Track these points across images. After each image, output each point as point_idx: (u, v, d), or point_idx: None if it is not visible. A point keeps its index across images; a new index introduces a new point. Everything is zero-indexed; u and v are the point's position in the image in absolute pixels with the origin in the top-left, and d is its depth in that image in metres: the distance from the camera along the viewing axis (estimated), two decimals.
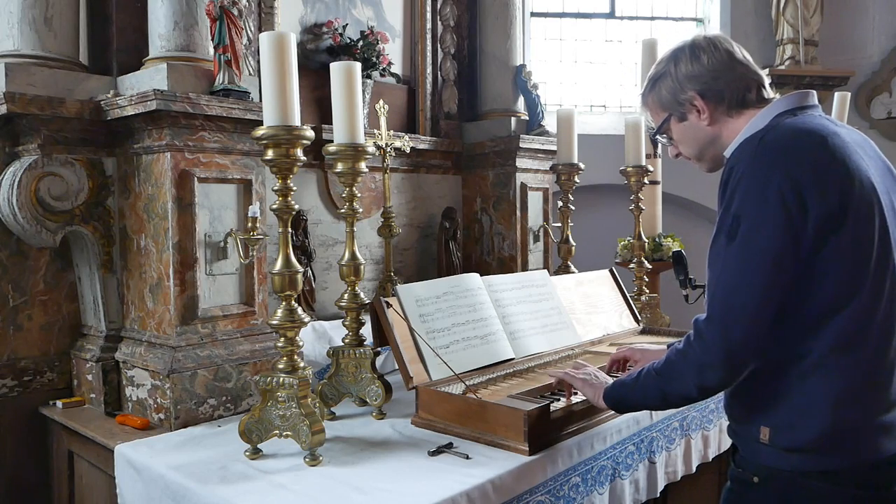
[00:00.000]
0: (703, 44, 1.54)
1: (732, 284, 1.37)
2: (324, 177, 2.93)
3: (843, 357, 1.35)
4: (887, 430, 1.39)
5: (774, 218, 1.32)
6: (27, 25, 2.18)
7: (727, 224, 1.38)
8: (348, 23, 3.11)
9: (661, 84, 1.58)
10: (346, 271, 2.14)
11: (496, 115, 3.55)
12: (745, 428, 1.49)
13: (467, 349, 2.21)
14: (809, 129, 1.40)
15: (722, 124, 1.54)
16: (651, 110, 1.65)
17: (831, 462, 1.37)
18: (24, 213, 2.09)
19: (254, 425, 1.79)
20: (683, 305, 3.19)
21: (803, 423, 1.37)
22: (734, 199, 1.37)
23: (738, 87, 1.51)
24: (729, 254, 1.38)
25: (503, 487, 1.65)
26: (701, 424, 2.40)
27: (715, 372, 1.41)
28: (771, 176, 1.33)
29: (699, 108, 1.53)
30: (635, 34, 5.83)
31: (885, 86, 5.57)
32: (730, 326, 1.37)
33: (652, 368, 1.56)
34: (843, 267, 1.34)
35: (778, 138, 1.38)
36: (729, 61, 1.52)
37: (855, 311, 1.35)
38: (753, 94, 1.52)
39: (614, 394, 1.69)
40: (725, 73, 1.51)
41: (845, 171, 1.35)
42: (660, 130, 1.64)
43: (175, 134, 2.09)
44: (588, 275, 3.01)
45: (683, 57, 1.54)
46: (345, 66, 2.04)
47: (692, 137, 1.59)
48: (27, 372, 2.27)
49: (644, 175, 3.32)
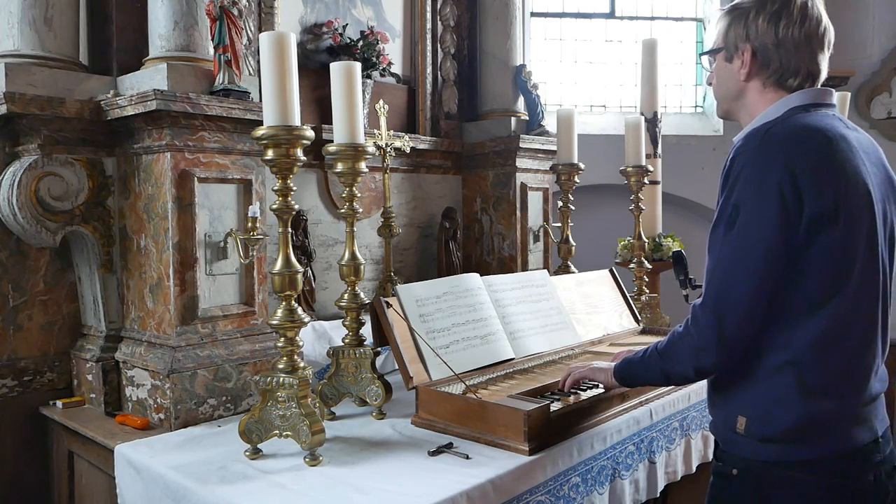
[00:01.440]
0: (791, 9, 1.48)
1: (729, 272, 1.40)
2: (324, 177, 2.93)
3: (820, 354, 1.38)
4: (861, 420, 1.42)
5: (772, 209, 1.35)
6: (27, 25, 2.18)
7: (727, 213, 1.40)
8: (348, 23, 3.11)
9: (735, 19, 1.55)
10: (346, 271, 2.14)
11: (496, 115, 3.55)
12: (723, 417, 1.52)
13: (467, 349, 2.21)
14: (817, 127, 1.41)
15: (753, 87, 1.54)
16: (716, 31, 1.62)
17: (806, 452, 1.40)
18: (24, 213, 2.09)
19: (254, 425, 1.79)
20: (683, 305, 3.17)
21: (777, 413, 1.41)
22: (735, 188, 1.39)
23: (788, 67, 1.50)
24: (727, 242, 1.41)
25: (503, 487, 1.65)
26: (701, 424, 2.40)
27: (709, 356, 1.46)
28: (772, 167, 1.35)
29: (744, 62, 1.53)
30: (635, 34, 5.82)
31: (885, 86, 5.56)
32: (724, 314, 1.41)
33: (655, 349, 1.62)
34: (827, 267, 1.37)
35: (784, 132, 1.40)
36: (801, 43, 1.48)
37: (835, 310, 1.38)
38: (797, 82, 1.51)
39: (623, 371, 1.77)
40: (790, 49, 1.48)
41: (844, 174, 1.37)
42: (709, 53, 1.63)
43: (175, 134, 2.09)
44: (588, 275, 3.01)
45: (768, 10, 1.49)
46: (345, 66, 2.04)
47: (725, 80, 1.60)
48: (27, 372, 2.27)
49: (644, 175, 3.32)
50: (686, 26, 5.98)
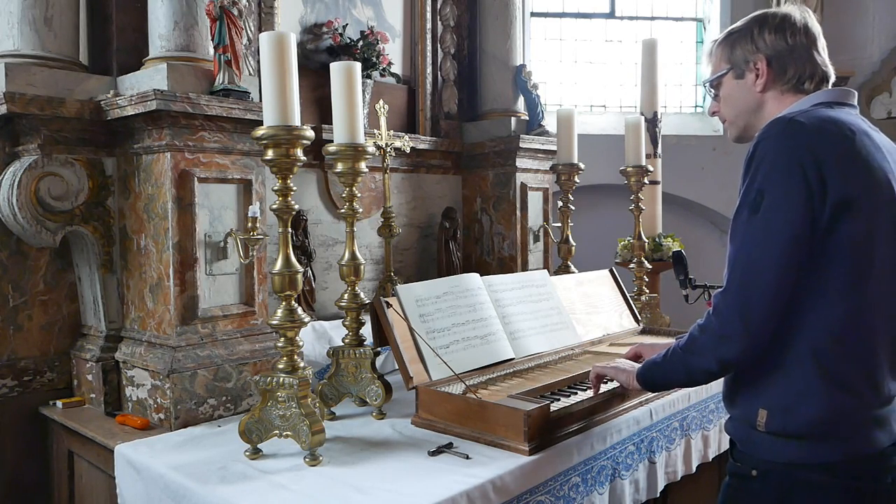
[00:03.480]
0: (792, 22, 1.54)
1: (754, 258, 1.38)
2: (324, 177, 2.93)
3: (841, 345, 1.38)
4: (881, 423, 1.42)
5: (797, 193, 1.34)
6: (27, 25, 2.18)
7: (751, 198, 1.39)
8: (348, 23, 3.11)
9: (737, 40, 1.58)
10: (346, 271, 2.14)
11: (496, 115, 3.55)
12: (742, 412, 1.50)
13: (467, 349, 2.21)
14: (842, 120, 1.42)
15: (771, 97, 1.56)
16: (715, 58, 1.65)
17: (826, 454, 1.39)
18: (24, 213, 2.09)
19: (254, 425, 1.79)
20: (683, 305, 3.19)
21: (799, 406, 1.39)
22: (759, 173, 1.38)
23: (803, 71, 1.53)
24: (751, 227, 1.39)
25: (503, 487, 1.65)
26: (701, 424, 2.40)
27: (733, 345, 1.42)
28: (796, 151, 1.35)
29: (760, 72, 1.55)
30: (635, 34, 5.83)
31: (885, 86, 5.56)
32: (749, 299, 1.38)
33: (677, 345, 1.58)
34: (849, 256, 1.36)
35: (809, 120, 1.39)
36: (809, 47, 1.53)
37: (855, 301, 1.37)
38: (812, 85, 1.53)
39: (646, 373, 1.72)
40: (801, 55, 1.53)
41: (867, 166, 1.38)
42: (714, 80, 1.64)
43: (175, 134, 2.09)
44: (588, 275, 3.01)
45: (769, 25, 1.54)
46: (345, 66, 2.04)
47: (739, 98, 1.60)
48: (27, 372, 2.27)
49: (644, 175, 3.32)
50: (686, 26, 5.99)
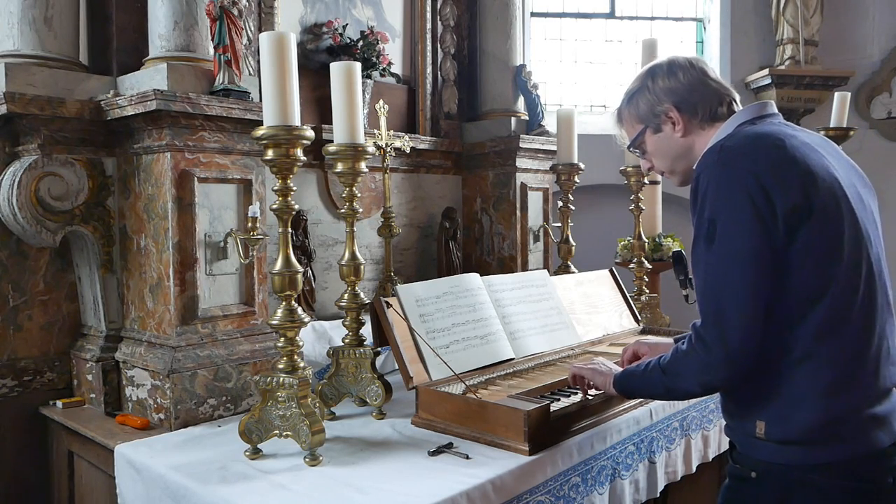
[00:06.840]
0: (679, 62, 1.63)
1: (720, 286, 1.41)
2: (324, 177, 2.93)
3: (827, 345, 1.39)
4: (880, 422, 1.42)
5: (746, 215, 1.37)
6: (27, 25, 2.18)
7: (704, 229, 1.43)
8: (348, 23, 3.11)
9: (638, 97, 1.66)
10: (346, 271, 2.14)
11: (496, 115, 3.55)
12: (740, 424, 1.51)
13: (467, 349, 2.21)
14: (767, 132, 1.47)
15: (695, 136, 1.61)
16: (626, 123, 1.73)
17: (826, 455, 1.40)
18: (24, 213, 2.09)
19: (254, 425, 1.79)
20: (683, 305, 3.18)
21: (796, 414, 1.41)
22: (706, 204, 1.42)
23: (711, 101, 1.60)
24: (711, 257, 1.42)
25: (503, 487, 1.65)
26: (701, 424, 2.40)
27: (718, 372, 1.45)
28: (735, 175, 1.39)
29: (674, 120, 1.61)
30: (635, 34, 5.83)
31: (885, 86, 5.56)
32: (726, 329, 1.41)
33: (658, 364, 1.59)
34: (815, 258, 1.38)
35: (737, 143, 1.45)
36: (703, 78, 1.61)
37: (832, 300, 1.39)
38: (725, 109, 1.60)
39: (623, 381, 1.75)
40: (700, 88, 1.60)
41: (805, 168, 1.40)
42: (634, 142, 1.71)
43: (175, 134, 2.09)
44: (588, 275, 3.01)
45: (661, 73, 1.63)
46: (345, 66, 2.05)
47: (666, 149, 1.66)
48: (27, 372, 2.27)
49: (644, 175, 3.32)
50: (686, 26, 5.99)
